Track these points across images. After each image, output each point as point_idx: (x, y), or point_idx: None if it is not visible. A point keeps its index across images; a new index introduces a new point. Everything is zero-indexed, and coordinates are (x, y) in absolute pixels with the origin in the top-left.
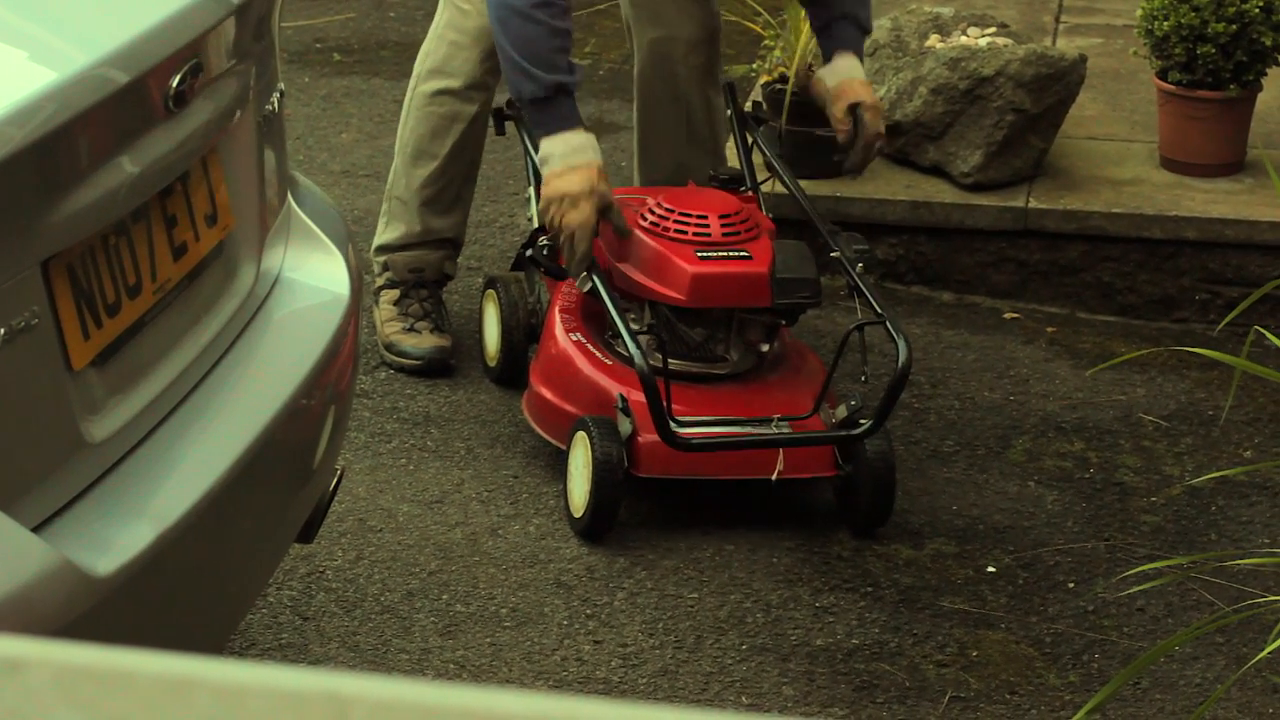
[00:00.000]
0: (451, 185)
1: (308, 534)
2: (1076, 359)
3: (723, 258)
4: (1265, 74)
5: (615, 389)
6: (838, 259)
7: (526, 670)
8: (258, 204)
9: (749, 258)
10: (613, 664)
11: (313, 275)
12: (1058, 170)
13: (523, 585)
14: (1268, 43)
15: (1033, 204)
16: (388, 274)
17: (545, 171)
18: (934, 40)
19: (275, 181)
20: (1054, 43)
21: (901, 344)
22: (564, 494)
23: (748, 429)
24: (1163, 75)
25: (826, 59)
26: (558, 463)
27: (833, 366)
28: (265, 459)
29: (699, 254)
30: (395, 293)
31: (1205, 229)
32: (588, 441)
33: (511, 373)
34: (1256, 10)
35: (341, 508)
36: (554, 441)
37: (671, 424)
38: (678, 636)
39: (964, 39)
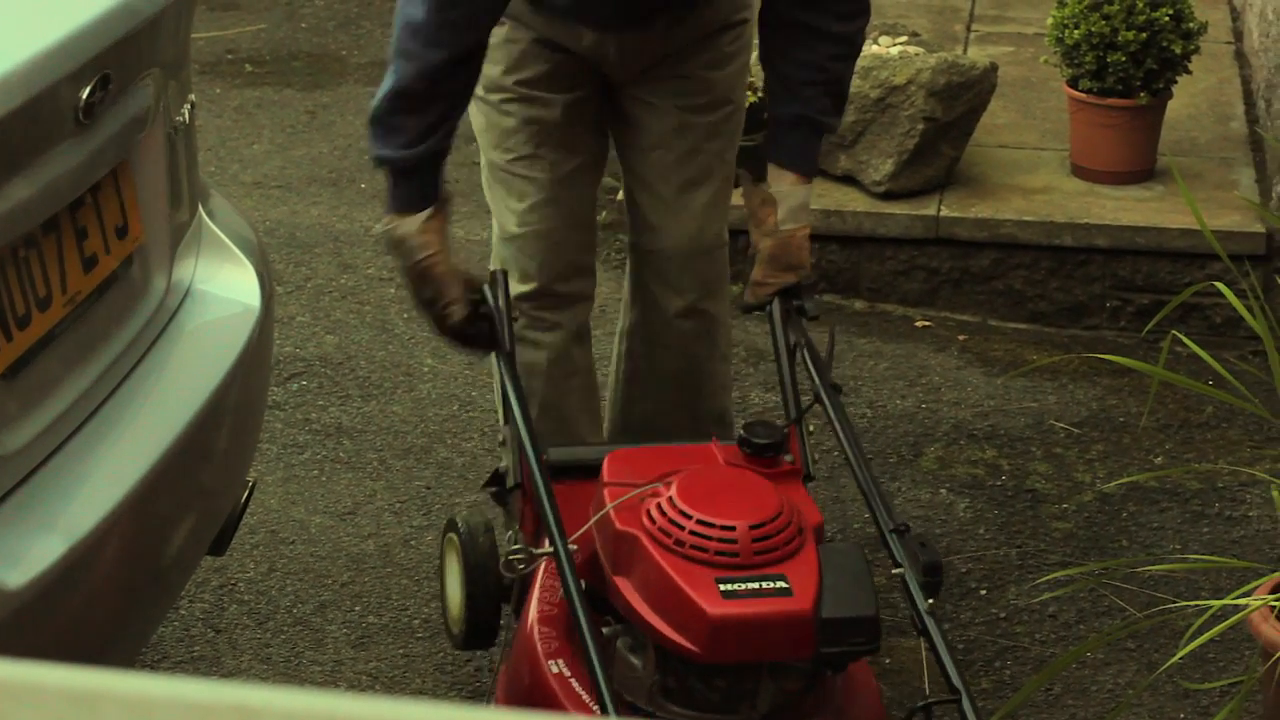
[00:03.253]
0: (568, 424)
1: (220, 546)
2: (988, 366)
3: (753, 594)
4: (1175, 82)
5: None
6: (900, 578)
7: (440, 681)
8: (168, 216)
9: (788, 592)
10: None
11: (224, 287)
12: (969, 178)
13: (435, 596)
14: (1177, 51)
15: (944, 212)
16: None
17: (394, 259)
18: None
19: (186, 193)
20: (965, 51)
21: None
22: (478, 507)
23: None
24: (1073, 83)
25: (771, 157)
26: (470, 472)
27: None
28: (177, 471)
29: (722, 586)
30: None
31: (1116, 236)
32: None
33: (480, 642)
34: (1166, 18)
35: (253, 520)
36: None
37: None
38: None
39: (875, 48)
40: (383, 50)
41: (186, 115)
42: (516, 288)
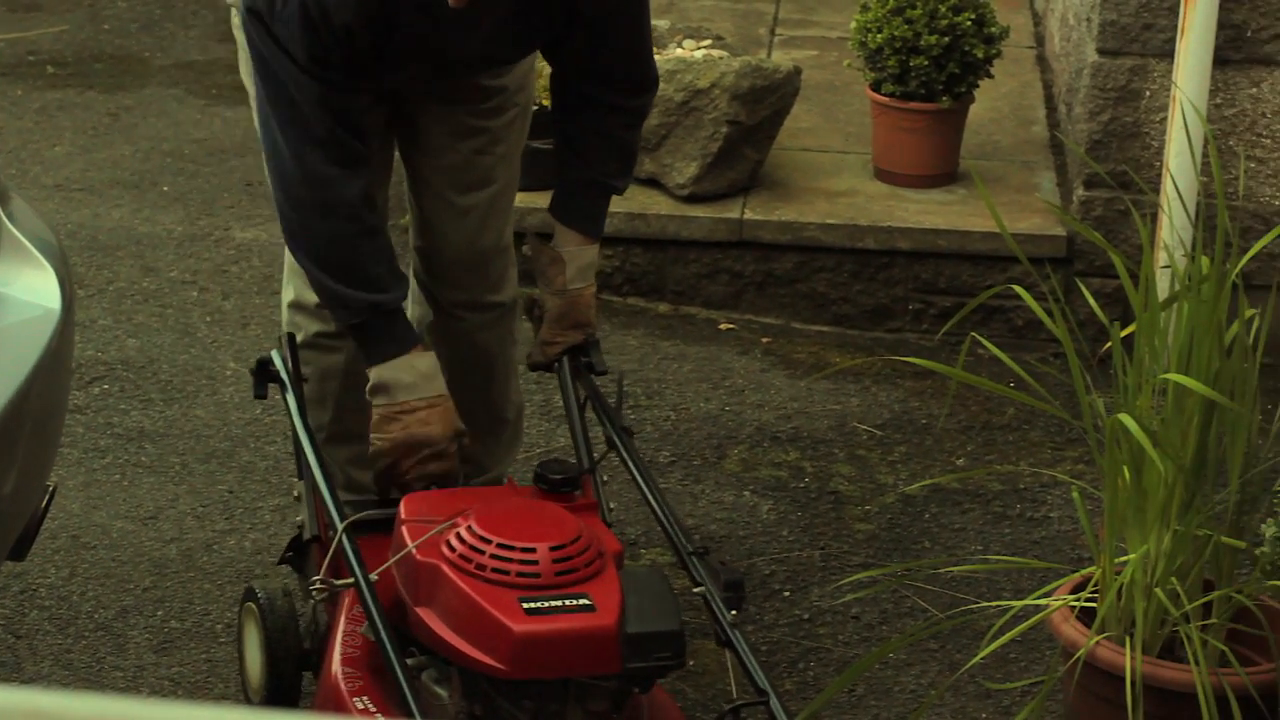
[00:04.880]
0: (367, 423)
1: (20, 551)
2: (792, 369)
3: (556, 610)
4: (977, 86)
5: None
6: (702, 596)
7: (241, 686)
8: None
9: (591, 608)
10: None
11: (23, 290)
12: (773, 182)
13: (238, 601)
14: (979, 55)
15: (748, 215)
16: None
17: (384, 404)
18: None
19: None
20: (769, 55)
21: None
22: (281, 509)
23: None
24: (876, 87)
25: (560, 217)
26: (273, 476)
27: None
28: None
29: (525, 605)
30: None
31: (918, 239)
32: None
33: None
34: (968, 23)
35: (55, 524)
36: None
37: None
38: None
39: (679, 51)
40: (186, 52)
41: None
42: (313, 297)
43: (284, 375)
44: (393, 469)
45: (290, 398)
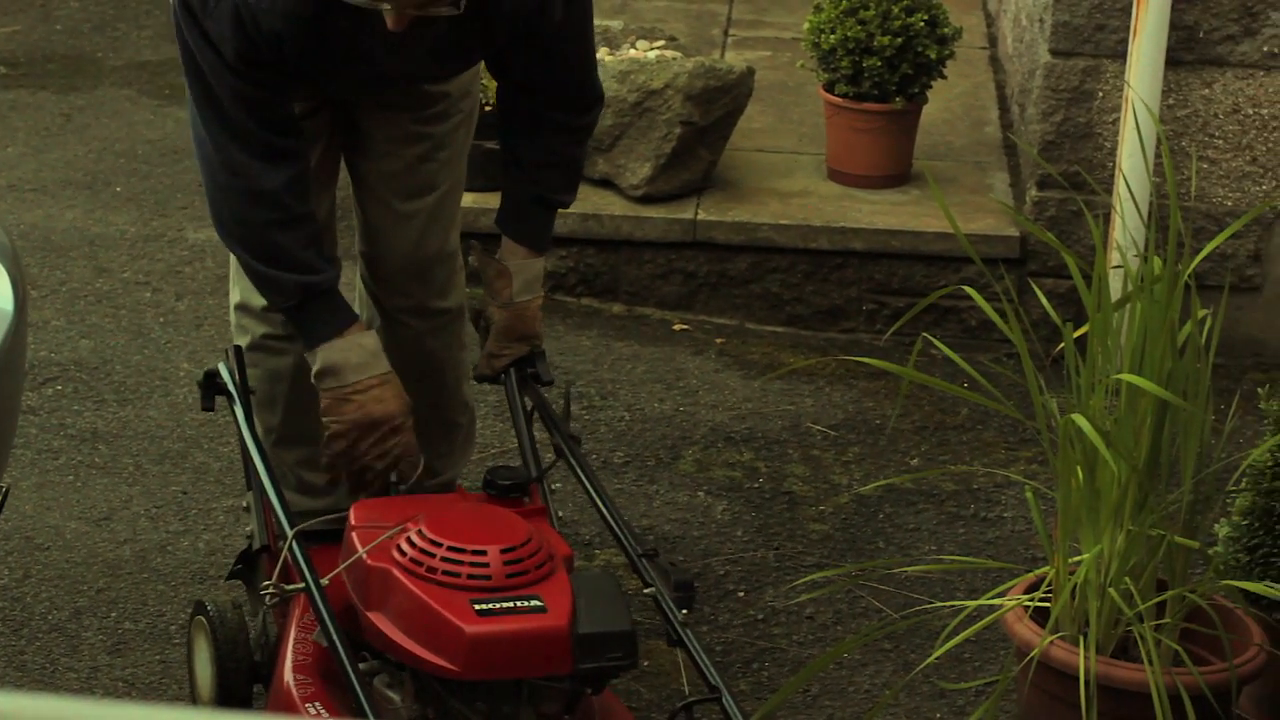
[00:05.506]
0: (316, 425)
1: None
2: (745, 369)
3: (508, 611)
4: (930, 87)
5: None
6: (653, 597)
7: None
8: None
9: (542, 609)
10: None
11: None
12: (726, 182)
13: (192, 602)
14: (932, 56)
15: (701, 216)
16: None
17: (333, 387)
18: (603, 53)
19: None
20: (722, 56)
21: None
22: (235, 510)
23: None
24: (829, 88)
25: (506, 231)
26: (226, 478)
27: None
28: None
29: (476, 606)
30: None
31: (871, 240)
32: None
33: None
34: (921, 24)
35: (8, 525)
36: None
37: None
38: None
39: (633, 52)
40: (139, 52)
41: None
42: (259, 300)
43: (231, 388)
44: (351, 451)
45: (238, 409)
